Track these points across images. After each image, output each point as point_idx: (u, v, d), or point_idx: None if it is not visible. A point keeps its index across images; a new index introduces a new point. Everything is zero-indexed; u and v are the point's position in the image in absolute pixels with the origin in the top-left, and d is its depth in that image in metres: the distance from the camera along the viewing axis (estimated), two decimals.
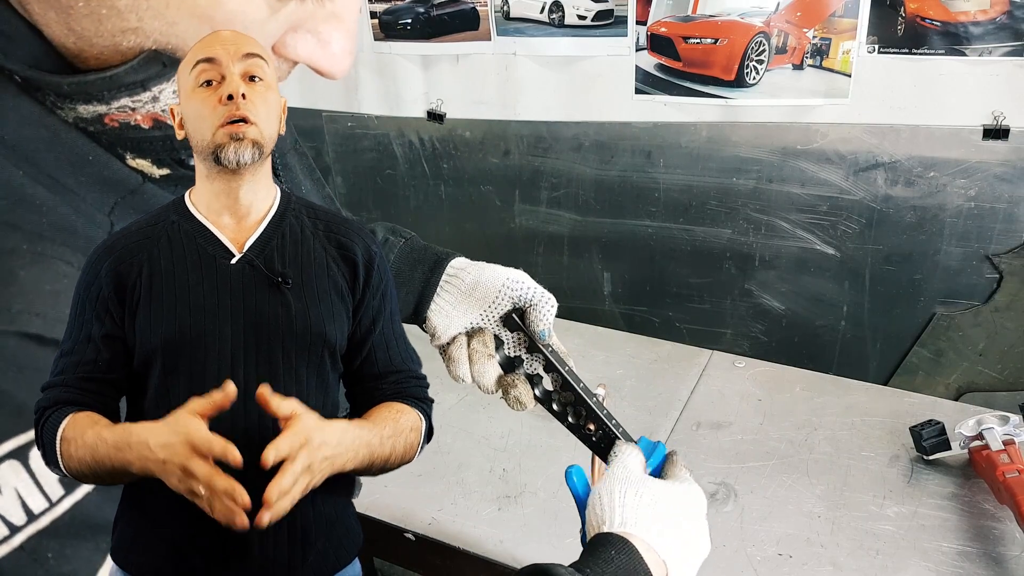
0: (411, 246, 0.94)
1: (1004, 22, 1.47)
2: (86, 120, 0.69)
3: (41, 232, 0.64)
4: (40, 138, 0.67)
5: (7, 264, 0.62)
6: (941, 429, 1.28)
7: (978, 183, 1.61)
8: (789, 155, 1.75)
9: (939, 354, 1.78)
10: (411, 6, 1.90)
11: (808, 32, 1.60)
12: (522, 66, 1.87)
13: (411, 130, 2.09)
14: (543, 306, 0.83)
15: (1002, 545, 1.13)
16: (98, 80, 0.67)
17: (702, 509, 0.72)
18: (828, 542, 1.16)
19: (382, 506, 1.28)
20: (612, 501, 0.67)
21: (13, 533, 0.63)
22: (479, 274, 0.88)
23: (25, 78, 0.67)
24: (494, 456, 1.38)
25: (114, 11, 0.65)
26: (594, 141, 1.91)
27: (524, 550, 1.20)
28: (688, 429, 1.43)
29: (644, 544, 0.64)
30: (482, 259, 0.94)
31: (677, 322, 2.02)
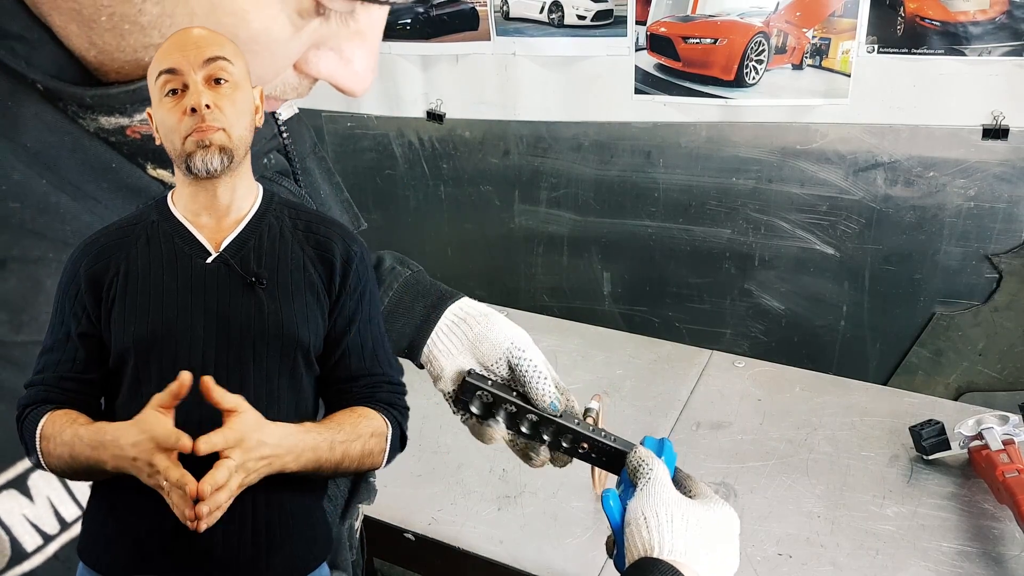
0: (416, 279, 0.94)
1: (1003, 22, 1.47)
2: (107, 131, 0.69)
3: (66, 240, 0.64)
4: (63, 145, 0.67)
5: (35, 274, 0.63)
6: (941, 429, 1.28)
7: (978, 183, 1.61)
8: (789, 155, 1.75)
9: (939, 354, 1.78)
10: (410, 6, 1.90)
11: (807, 32, 1.60)
12: (522, 66, 1.87)
13: (411, 130, 2.09)
14: (538, 385, 0.83)
15: (1002, 545, 1.13)
16: (121, 93, 0.67)
17: (736, 529, 0.73)
18: (828, 542, 1.16)
19: (382, 506, 1.28)
20: (660, 525, 0.68)
21: (47, 542, 0.63)
22: (487, 329, 0.88)
23: (48, 87, 0.67)
24: (494, 456, 1.38)
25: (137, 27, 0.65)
26: (594, 141, 1.91)
27: (524, 550, 1.20)
28: (688, 429, 1.43)
29: (694, 574, 0.65)
30: (481, 259, 0.94)
31: (677, 322, 2.02)
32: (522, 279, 2.14)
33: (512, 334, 0.87)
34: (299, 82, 0.77)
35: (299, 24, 0.69)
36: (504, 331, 0.87)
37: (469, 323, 0.89)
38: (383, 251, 1.00)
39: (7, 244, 0.62)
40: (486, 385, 0.83)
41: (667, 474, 0.74)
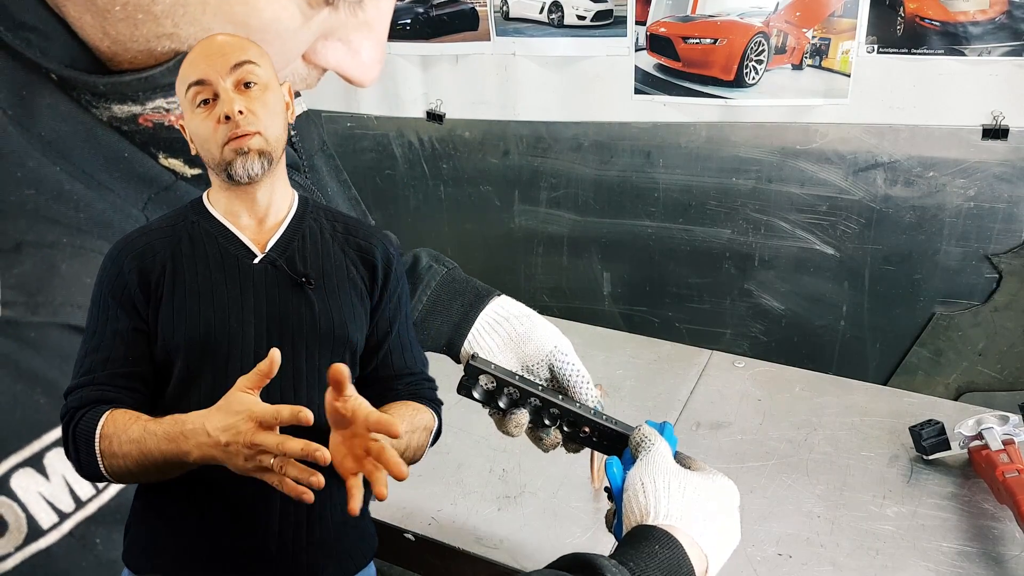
0: (453, 276, 0.95)
1: (1003, 22, 1.47)
2: (120, 120, 0.70)
3: (79, 226, 0.65)
4: (76, 134, 0.68)
5: (49, 258, 0.64)
6: (941, 429, 1.28)
7: (977, 183, 1.61)
8: (788, 155, 1.75)
9: (938, 354, 1.78)
10: (410, 6, 1.90)
11: (807, 32, 1.60)
12: (521, 66, 1.87)
13: (410, 130, 2.09)
14: (583, 390, 0.86)
15: (1002, 545, 1.13)
16: (134, 81, 0.68)
17: (736, 501, 0.72)
18: (828, 542, 1.16)
19: (382, 506, 1.28)
20: (657, 491, 0.67)
21: (62, 520, 0.64)
22: (531, 329, 0.88)
23: (62, 77, 0.68)
24: (494, 456, 1.38)
25: (150, 16, 0.66)
26: (593, 141, 1.91)
27: (524, 550, 1.20)
28: (688, 429, 1.43)
29: (689, 539, 0.64)
30: (481, 259, 0.94)
31: (677, 322, 2.02)
32: (522, 279, 2.14)
33: (556, 338, 0.88)
34: (308, 73, 0.78)
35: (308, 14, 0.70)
36: (548, 335, 0.88)
37: (512, 323, 0.89)
38: (418, 249, 1.00)
39: (23, 229, 0.63)
40: (489, 369, 0.83)
41: (668, 448, 0.74)
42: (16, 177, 0.64)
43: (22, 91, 0.66)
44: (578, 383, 0.86)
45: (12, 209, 0.63)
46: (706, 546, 0.65)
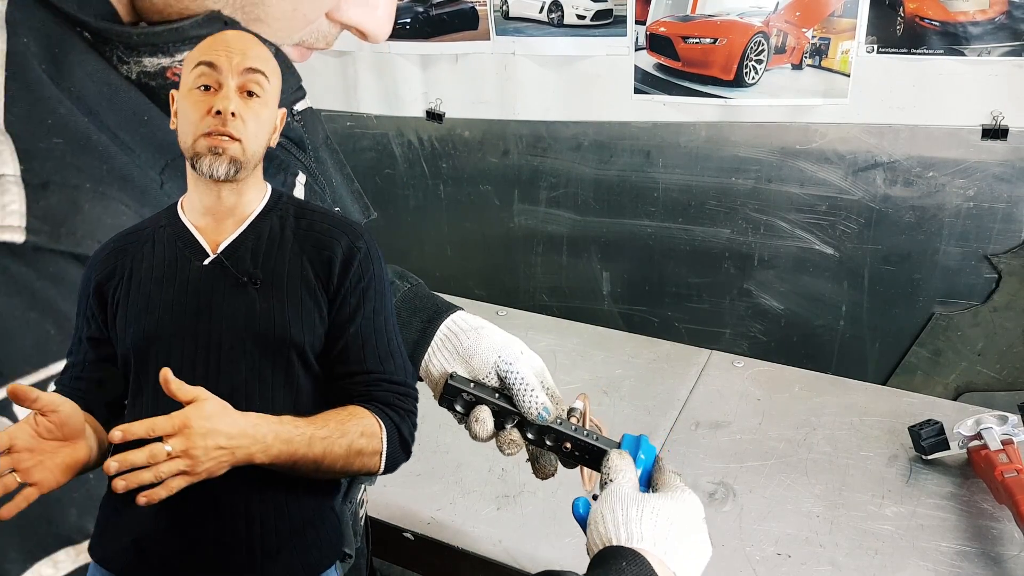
0: (415, 292, 0.94)
1: (1003, 22, 1.47)
2: (149, 74, 0.72)
3: (102, 177, 0.67)
4: (102, 95, 0.70)
5: (73, 196, 0.65)
6: (940, 429, 1.28)
7: (977, 183, 1.61)
8: (788, 155, 1.75)
9: (938, 354, 1.78)
10: (410, 5, 1.90)
11: (807, 32, 1.60)
12: (521, 66, 1.87)
13: (410, 130, 2.09)
14: (525, 397, 0.83)
15: (1001, 545, 1.13)
16: (166, 31, 0.71)
17: (700, 515, 0.72)
18: (827, 542, 1.16)
19: (381, 506, 1.28)
20: (616, 519, 0.68)
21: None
22: (476, 343, 0.88)
23: (96, 30, 0.70)
24: (493, 456, 1.38)
25: None
26: (593, 141, 1.91)
27: (523, 550, 1.20)
28: (687, 429, 1.43)
29: (655, 559, 0.65)
30: (480, 259, 0.94)
31: (676, 322, 2.02)
32: (521, 279, 2.14)
33: (501, 347, 0.87)
34: (329, 29, 0.82)
35: None
36: (493, 344, 0.87)
37: (460, 337, 0.89)
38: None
39: (50, 170, 0.65)
40: (468, 387, 0.83)
41: (634, 475, 0.74)
42: (47, 124, 0.65)
43: (55, 48, 0.69)
44: (520, 391, 0.83)
45: (41, 154, 0.65)
46: (672, 563, 0.65)
